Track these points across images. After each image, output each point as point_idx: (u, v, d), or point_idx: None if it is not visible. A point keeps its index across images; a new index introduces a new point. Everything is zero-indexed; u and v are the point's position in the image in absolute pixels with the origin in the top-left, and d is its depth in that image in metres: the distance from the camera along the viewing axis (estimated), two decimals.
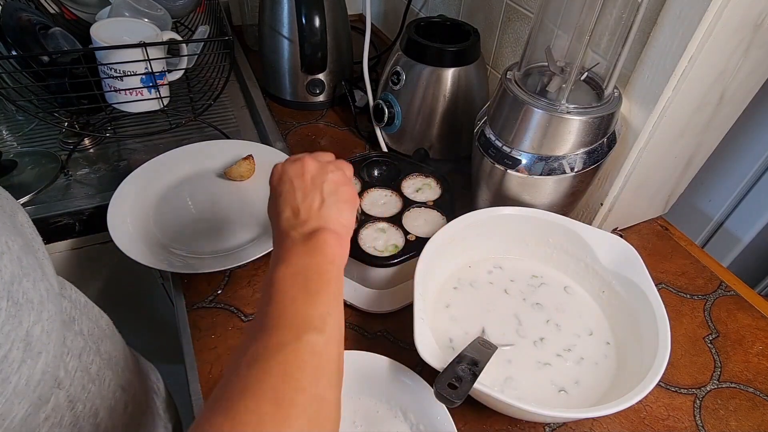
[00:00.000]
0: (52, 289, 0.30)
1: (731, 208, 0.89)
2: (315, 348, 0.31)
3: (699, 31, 0.48)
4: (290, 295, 0.34)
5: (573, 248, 0.58)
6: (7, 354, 0.25)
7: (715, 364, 0.56)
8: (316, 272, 0.35)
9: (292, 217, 0.39)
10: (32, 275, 0.28)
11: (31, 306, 0.27)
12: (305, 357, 0.30)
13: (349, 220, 0.41)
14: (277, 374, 0.29)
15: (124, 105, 0.71)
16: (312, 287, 0.34)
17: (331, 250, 0.37)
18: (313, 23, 0.79)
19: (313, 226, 0.38)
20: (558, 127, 0.54)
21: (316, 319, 0.32)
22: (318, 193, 0.40)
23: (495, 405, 0.46)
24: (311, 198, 0.40)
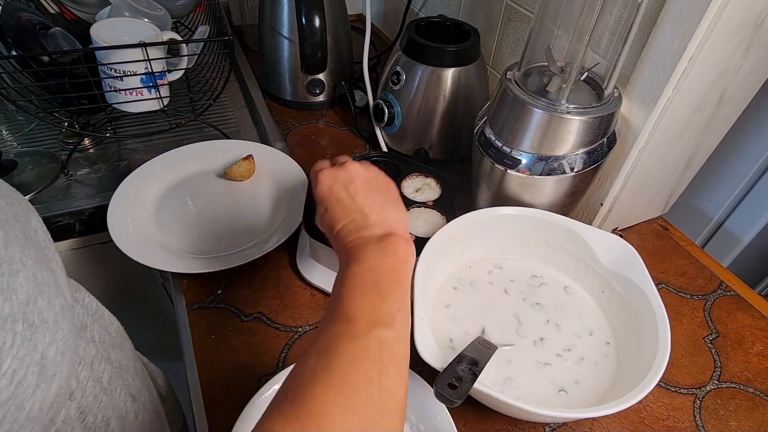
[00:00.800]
0: (66, 304, 0.29)
1: (731, 208, 0.89)
2: (384, 342, 0.32)
3: (699, 31, 0.48)
4: (362, 290, 0.35)
5: (573, 248, 0.58)
6: (22, 380, 0.24)
7: (715, 364, 0.56)
8: (388, 271, 0.36)
9: (361, 219, 0.40)
10: (47, 292, 0.27)
11: (47, 327, 0.26)
12: (374, 349, 0.31)
13: (406, 221, 0.42)
14: (345, 363, 0.29)
15: (124, 105, 0.71)
16: (383, 284, 0.35)
17: (403, 251, 0.38)
18: (313, 23, 0.79)
19: (384, 230, 0.39)
20: (558, 127, 0.54)
21: (387, 315, 0.33)
22: (376, 195, 0.42)
23: (495, 405, 0.46)
24: (372, 200, 0.41)
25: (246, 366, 0.53)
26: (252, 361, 0.53)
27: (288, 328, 0.57)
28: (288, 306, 0.59)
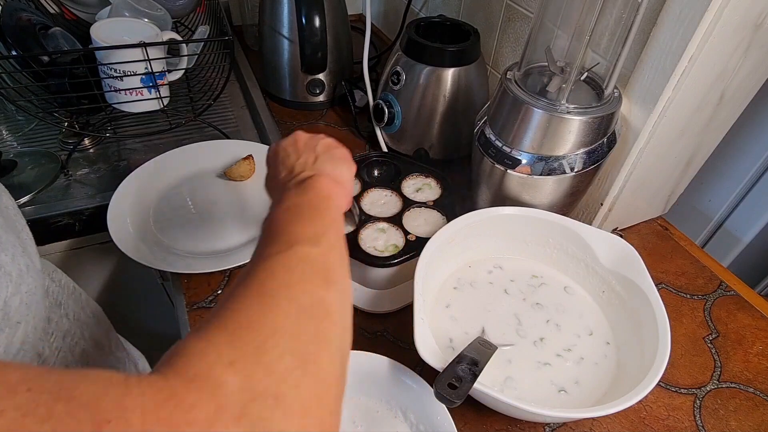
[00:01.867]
0: (32, 265, 0.30)
1: (731, 208, 0.89)
2: (307, 256, 0.30)
3: (699, 31, 0.48)
4: (283, 223, 0.33)
5: (573, 248, 0.58)
6: None
7: (715, 364, 0.56)
8: (308, 205, 0.35)
9: (287, 175, 0.39)
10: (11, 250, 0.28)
11: (9, 278, 0.27)
12: (293, 262, 0.29)
13: (345, 175, 0.41)
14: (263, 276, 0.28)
15: (124, 105, 0.71)
16: (305, 215, 0.34)
17: (325, 188, 0.37)
18: (313, 23, 0.79)
19: (307, 175, 0.38)
20: (558, 127, 0.54)
21: (310, 236, 0.31)
22: (312, 153, 0.41)
23: (495, 405, 0.46)
24: (305, 157, 0.41)
25: None
26: None
27: None
28: None
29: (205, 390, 0.20)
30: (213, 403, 0.19)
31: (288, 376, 0.22)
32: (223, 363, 0.21)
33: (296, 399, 0.22)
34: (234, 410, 0.19)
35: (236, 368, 0.21)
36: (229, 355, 0.22)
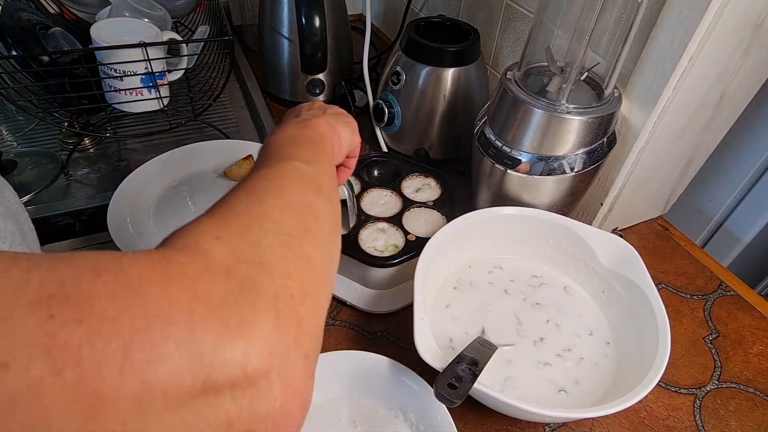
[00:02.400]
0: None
1: (731, 208, 0.89)
2: (300, 169, 0.31)
3: (699, 31, 0.48)
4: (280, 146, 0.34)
5: (573, 248, 0.58)
6: None
7: (715, 364, 0.56)
8: (305, 137, 0.36)
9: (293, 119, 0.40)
10: (9, 239, 0.27)
11: None
12: (286, 171, 0.30)
13: (343, 131, 0.42)
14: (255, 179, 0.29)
15: (124, 105, 0.71)
16: (301, 143, 0.35)
17: (321, 128, 0.38)
18: (313, 23, 0.79)
19: (308, 117, 0.40)
20: (558, 127, 0.54)
21: (304, 158, 0.32)
22: (321, 111, 0.42)
23: (495, 405, 0.46)
24: (314, 111, 0.42)
25: None
26: None
27: None
28: None
29: (194, 254, 0.21)
30: (201, 263, 0.20)
31: (271, 250, 0.23)
32: (209, 237, 0.22)
33: (279, 265, 0.23)
34: (221, 269, 0.20)
35: (222, 241, 0.22)
36: (216, 232, 0.23)
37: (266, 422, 0.19)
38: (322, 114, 0.41)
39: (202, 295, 0.19)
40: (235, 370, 0.18)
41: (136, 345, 0.16)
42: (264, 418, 0.19)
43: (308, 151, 0.34)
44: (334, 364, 0.48)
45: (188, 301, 0.18)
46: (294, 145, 0.35)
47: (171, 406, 0.17)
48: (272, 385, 0.19)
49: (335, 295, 0.59)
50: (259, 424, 0.19)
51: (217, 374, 0.18)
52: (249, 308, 0.20)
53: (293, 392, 0.20)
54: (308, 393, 0.22)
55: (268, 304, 0.21)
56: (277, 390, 0.20)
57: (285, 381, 0.20)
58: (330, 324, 0.58)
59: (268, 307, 0.21)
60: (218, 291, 0.20)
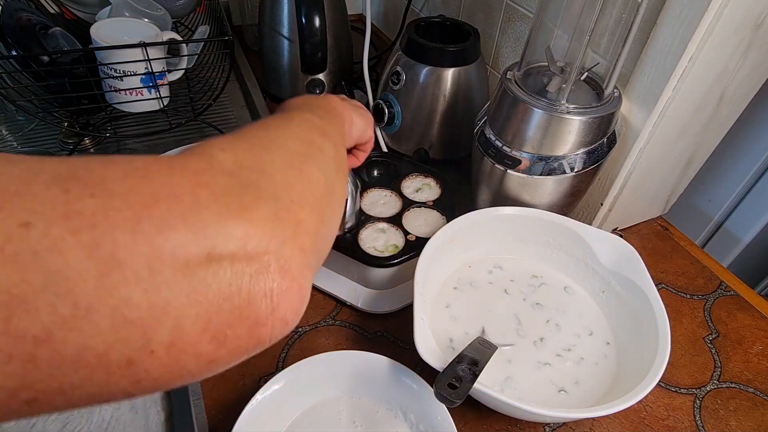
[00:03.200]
0: None
1: (731, 208, 0.89)
2: (310, 119, 0.33)
3: (699, 31, 0.48)
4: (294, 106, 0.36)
5: (573, 248, 0.58)
6: None
7: (715, 364, 0.56)
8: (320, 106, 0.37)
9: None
10: None
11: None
12: (296, 119, 0.32)
13: (360, 124, 0.43)
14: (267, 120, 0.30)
15: (124, 105, 0.71)
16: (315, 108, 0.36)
17: (337, 105, 0.39)
18: (313, 23, 0.79)
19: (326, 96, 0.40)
20: (558, 127, 0.54)
21: (316, 114, 0.34)
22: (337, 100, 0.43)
23: (495, 405, 0.46)
24: (331, 95, 0.42)
25: (246, 366, 0.53)
26: (251, 361, 0.53)
27: None
28: None
29: (199, 157, 0.22)
30: (206, 162, 0.22)
31: (273, 164, 0.25)
32: (215, 148, 0.23)
33: (280, 176, 0.24)
34: (224, 168, 0.22)
35: (227, 152, 0.23)
36: (222, 145, 0.24)
37: (265, 299, 0.21)
38: (340, 99, 0.42)
39: (205, 183, 0.20)
40: (236, 245, 0.20)
41: (146, 216, 0.18)
42: (263, 295, 0.20)
43: (321, 113, 0.35)
44: (334, 364, 0.48)
45: (192, 186, 0.20)
46: (308, 107, 0.36)
47: (179, 271, 0.18)
48: (270, 265, 0.21)
49: (335, 295, 0.59)
50: (258, 299, 0.20)
51: (221, 247, 0.19)
52: (250, 198, 0.21)
53: (290, 276, 0.21)
54: (304, 283, 0.23)
55: (268, 200, 0.22)
56: (275, 270, 0.21)
57: (282, 264, 0.21)
58: (330, 324, 0.58)
59: (268, 203, 0.22)
60: (221, 182, 0.21)
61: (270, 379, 0.46)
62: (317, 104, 0.37)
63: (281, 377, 0.46)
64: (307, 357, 0.47)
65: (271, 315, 0.21)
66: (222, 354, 0.20)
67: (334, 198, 0.29)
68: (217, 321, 0.19)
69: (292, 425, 0.47)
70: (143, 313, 0.17)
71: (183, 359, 0.18)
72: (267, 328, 0.21)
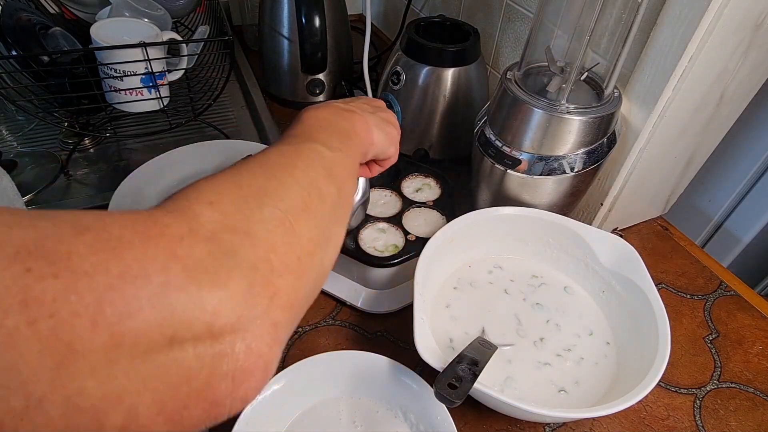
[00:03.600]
0: None
1: (731, 208, 0.89)
2: (320, 153, 0.31)
3: (699, 31, 0.48)
4: (309, 126, 0.35)
5: (573, 248, 0.57)
6: None
7: (715, 364, 0.56)
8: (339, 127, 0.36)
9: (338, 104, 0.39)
10: None
11: None
12: (305, 152, 0.31)
13: (381, 143, 0.40)
14: (272, 152, 0.30)
15: (124, 105, 0.71)
16: (332, 130, 0.35)
17: (358, 127, 0.38)
18: (313, 23, 0.79)
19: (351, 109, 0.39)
20: (558, 127, 0.54)
21: (328, 143, 0.32)
22: (368, 109, 0.41)
23: (495, 405, 0.46)
24: (358, 106, 0.41)
25: None
26: None
27: None
28: None
29: (182, 217, 0.21)
30: (186, 226, 0.21)
31: (262, 223, 0.24)
32: (203, 202, 0.23)
33: (267, 239, 0.23)
34: (205, 233, 0.21)
35: (214, 207, 0.23)
36: (211, 197, 0.23)
37: (225, 381, 0.20)
38: (369, 113, 0.41)
39: (181, 256, 0.20)
40: (200, 327, 0.19)
41: (109, 300, 0.17)
42: (224, 376, 0.20)
43: (335, 139, 0.34)
44: (334, 364, 0.48)
45: (165, 261, 0.19)
46: (324, 129, 0.35)
47: (138, 358, 0.17)
48: (235, 345, 0.20)
49: (335, 295, 0.59)
50: (218, 381, 0.20)
51: (184, 330, 0.19)
52: (225, 272, 0.21)
53: (256, 355, 0.21)
54: (272, 357, 0.22)
55: (245, 272, 0.21)
56: (240, 350, 0.20)
57: (248, 343, 0.21)
58: (330, 324, 0.58)
59: (244, 274, 0.21)
60: (197, 253, 0.20)
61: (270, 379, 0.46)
62: (333, 126, 0.36)
63: (281, 377, 0.46)
64: (307, 357, 0.47)
65: (231, 395, 0.20)
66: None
67: (327, 250, 0.28)
68: (173, 404, 0.19)
69: (292, 425, 0.47)
70: (96, 402, 0.17)
71: None
72: (225, 407, 0.20)
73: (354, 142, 0.37)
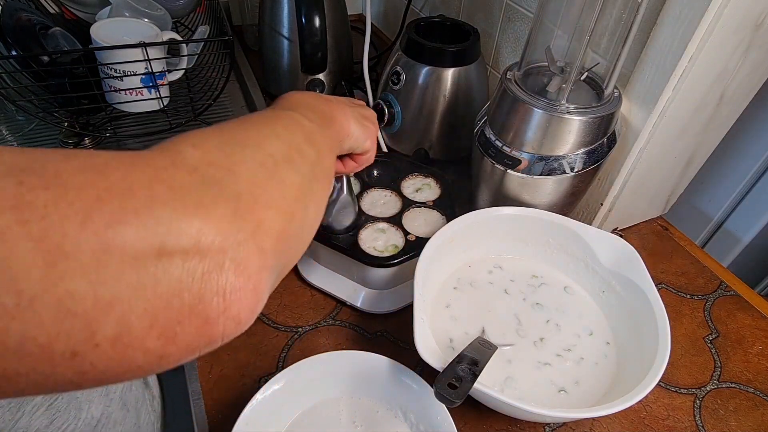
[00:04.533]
0: None
1: (731, 208, 0.89)
2: (300, 121, 0.32)
3: (699, 31, 0.48)
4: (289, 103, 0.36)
5: (573, 248, 0.57)
6: None
7: (715, 364, 0.56)
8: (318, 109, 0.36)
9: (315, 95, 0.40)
10: None
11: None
12: (286, 117, 0.31)
13: (356, 134, 0.41)
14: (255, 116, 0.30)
15: (124, 105, 0.71)
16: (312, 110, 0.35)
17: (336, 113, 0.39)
18: (313, 23, 0.79)
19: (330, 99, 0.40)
20: (558, 127, 0.54)
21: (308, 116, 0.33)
22: (346, 102, 0.42)
23: (495, 405, 0.46)
24: (337, 99, 0.42)
25: (246, 366, 0.53)
26: (252, 361, 0.53)
27: (288, 328, 0.57)
28: (287, 306, 0.59)
29: (166, 152, 0.22)
30: (170, 159, 0.22)
31: (244, 163, 0.24)
32: (187, 143, 0.23)
33: (247, 175, 0.24)
34: (188, 166, 0.22)
35: (197, 147, 0.23)
36: (194, 140, 0.24)
37: (217, 297, 0.20)
38: (348, 106, 0.42)
39: (164, 179, 0.20)
40: (188, 242, 0.19)
41: (97, 209, 0.18)
42: (214, 292, 0.20)
43: (315, 116, 0.35)
44: (334, 364, 0.48)
45: (150, 182, 0.20)
46: (304, 107, 0.35)
47: (127, 265, 0.18)
48: (224, 263, 0.20)
49: (335, 295, 0.59)
50: (209, 296, 0.20)
51: (173, 243, 0.19)
52: (209, 197, 0.21)
53: (245, 275, 0.21)
54: (261, 283, 0.22)
55: (229, 199, 0.22)
56: (229, 268, 0.21)
57: (238, 263, 0.21)
58: (330, 324, 0.58)
59: (228, 202, 0.22)
60: (180, 179, 0.21)
61: (270, 379, 0.46)
62: (313, 106, 0.37)
63: (281, 377, 0.46)
64: (307, 357, 0.47)
65: (223, 314, 0.21)
66: (171, 351, 0.20)
67: (309, 203, 0.29)
68: (165, 317, 0.19)
69: (292, 425, 0.47)
70: (88, 306, 0.17)
71: (130, 354, 0.18)
72: (218, 326, 0.21)
73: (332, 126, 0.38)
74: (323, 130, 0.35)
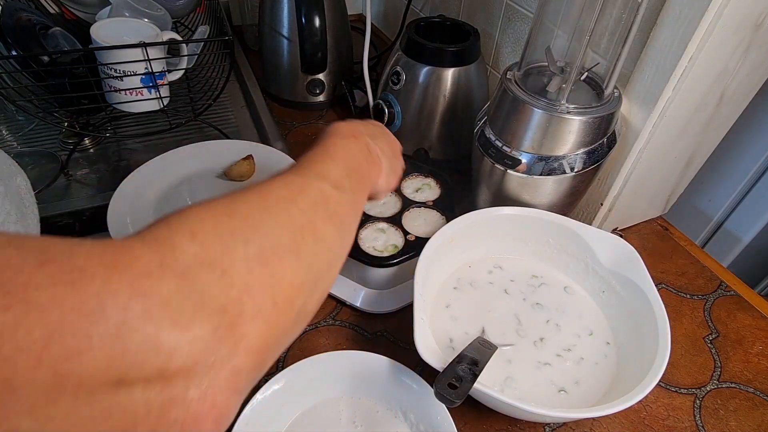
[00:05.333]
0: None
1: (731, 208, 0.89)
2: (327, 194, 0.29)
3: (699, 31, 0.48)
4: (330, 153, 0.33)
5: (573, 248, 0.57)
6: None
7: (715, 364, 0.56)
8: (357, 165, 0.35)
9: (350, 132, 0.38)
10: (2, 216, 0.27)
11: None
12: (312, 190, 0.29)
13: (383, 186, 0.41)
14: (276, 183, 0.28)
15: (124, 105, 0.71)
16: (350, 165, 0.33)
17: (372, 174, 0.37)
18: (313, 23, 0.79)
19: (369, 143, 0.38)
20: (558, 127, 0.54)
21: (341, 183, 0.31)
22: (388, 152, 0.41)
23: (495, 405, 0.46)
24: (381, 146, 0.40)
25: None
26: None
27: None
28: None
29: (157, 248, 0.20)
30: (159, 259, 0.20)
31: (243, 261, 0.22)
32: (185, 231, 0.22)
33: (243, 277, 0.22)
34: (177, 269, 0.20)
35: (195, 238, 0.21)
36: (195, 227, 0.22)
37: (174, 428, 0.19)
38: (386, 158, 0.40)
39: (145, 293, 0.18)
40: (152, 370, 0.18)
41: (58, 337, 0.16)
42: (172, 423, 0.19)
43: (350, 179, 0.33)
44: (334, 364, 0.48)
45: (127, 297, 0.18)
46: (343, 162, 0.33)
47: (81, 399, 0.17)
48: (189, 391, 0.19)
49: (335, 295, 0.59)
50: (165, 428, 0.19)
51: (135, 373, 0.17)
52: (189, 313, 0.19)
53: (210, 404, 0.20)
54: (227, 408, 0.21)
55: (211, 314, 0.20)
56: (193, 397, 0.19)
57: (204, 390, 0.19)
58: (330, 324, 0.58)
59: (210, 317, 0.20)
60: (164, 291, 0.19)
61: (270, 379, 0.46)
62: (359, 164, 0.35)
63: (281, 377, 0.46)
64: (307, 357, 0.47)
65: None
66: None
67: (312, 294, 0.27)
68: None
69: (292, 425, 0.47)
70: None
71: None
72: None
73: (366, 186, 0.36)
74: (355, 197, 0.33)
